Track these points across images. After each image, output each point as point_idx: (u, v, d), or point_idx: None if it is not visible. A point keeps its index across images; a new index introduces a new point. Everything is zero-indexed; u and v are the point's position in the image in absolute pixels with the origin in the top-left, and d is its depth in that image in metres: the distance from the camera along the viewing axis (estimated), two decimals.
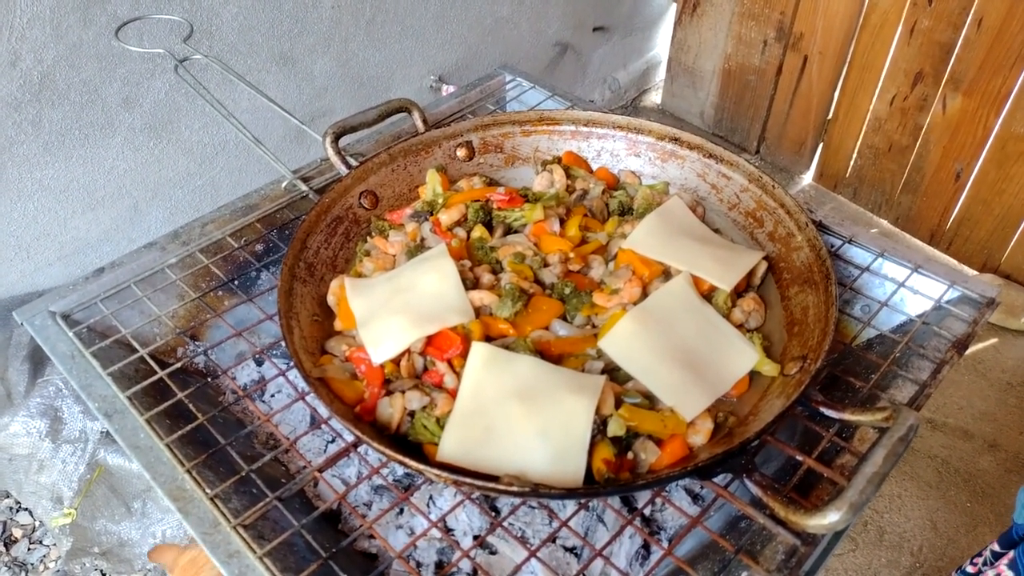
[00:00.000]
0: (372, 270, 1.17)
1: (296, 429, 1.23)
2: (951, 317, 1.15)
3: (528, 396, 0.94)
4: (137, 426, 1.00)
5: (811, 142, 3.25)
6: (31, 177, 1.80)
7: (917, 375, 1.07)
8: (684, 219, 1.23)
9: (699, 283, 1.12)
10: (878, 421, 0.86)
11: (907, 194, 3.00)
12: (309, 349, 1.03)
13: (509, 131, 1.36)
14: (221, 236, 1.27)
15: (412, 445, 0.97)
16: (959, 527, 2.20)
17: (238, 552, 0.89)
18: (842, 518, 0.75)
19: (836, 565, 2.10)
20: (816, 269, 1.08)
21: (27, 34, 1.64)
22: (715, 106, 3.53)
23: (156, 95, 1.92)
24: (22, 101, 1.70)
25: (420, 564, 1.07)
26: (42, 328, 1.14)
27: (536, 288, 1.12)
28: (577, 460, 0.89)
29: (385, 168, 1.28)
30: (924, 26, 2.65)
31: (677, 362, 1.01)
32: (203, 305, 1.20)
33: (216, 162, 2.14)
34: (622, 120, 1.33)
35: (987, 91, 2.60)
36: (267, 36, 2.06)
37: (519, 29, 2.87)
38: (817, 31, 2.97)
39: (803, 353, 1.01)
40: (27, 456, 1.82)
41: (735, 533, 0.96)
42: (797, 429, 1.14)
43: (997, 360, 2.67)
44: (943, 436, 2.43)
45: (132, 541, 1.90)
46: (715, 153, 1.27)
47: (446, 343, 1.02)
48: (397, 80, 2.50)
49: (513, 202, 1.24)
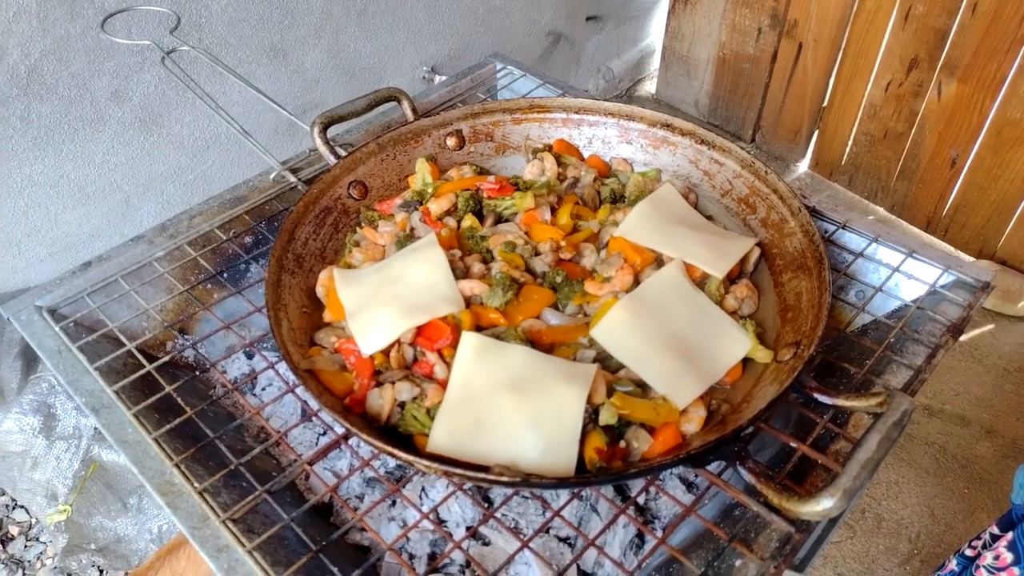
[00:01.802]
0: (361, 261, 1.16)
1: (287, 422, 1.22)
2: (946, 302, 1.14)
3: (519, 386, 0.93)
4: (125, 420, 0.99)
5: (806, 130, 3.24)
6: (20, 172, 1.79)
7: (912, 360, 1.06)
8: (676, 206, 1.22)
9: (691, 270, 1.11)
10: (872, 407, 0.86)
11: (903, 181, 2.99)
12: (298, 341, 1.02)
13: (500, 119, 1.35)
14: (209, 228, 1.26)
15: (403, 436, 0.96)
16: (957, 513, 2.20)
17: (227, 546, 0.88)
18: (836, 504, 0.74)
19: (834, 552, 2.10)
20: (809, 255, 1.07)
21: (13, 28, 1.62)
22: (710, 95, 3.51)
23: (146, 89, 1.90)
24: (9, 96, 1.69)
25: (413, 556, 1.06)
26: (29, 323, 1.12)
27: (527, 277, 1.11)
28: (569, 449, 0.88)
29: (374, 158, 1.26)
30: (919, 12, 2.64)
31: (669, 350, 1.00)
32: (191, 298, 1.19)
33: (207, 156, 2.13)
34: (613, 107, 1.32)
35: (982, 77, 2.59)
36: (257, 28, 2.04)
37: (512, 19, 2.85)
38: (811, 18, 2.95)
39: (796, 339, 1.00)
40: (21, 453, 1.82)
41: (729, 521, 0.95)
42: (791, 416, 1.13)
43: (994, 346, 2.67)
44: (940, 422, 2.43)
45: (128, 537, 1.89)
46: (707, 139, 1.26)
47: (436, 333, 1.01)
48: (389, 71, 2.48)
49: (503, 190, 1.23)
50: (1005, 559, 1.53)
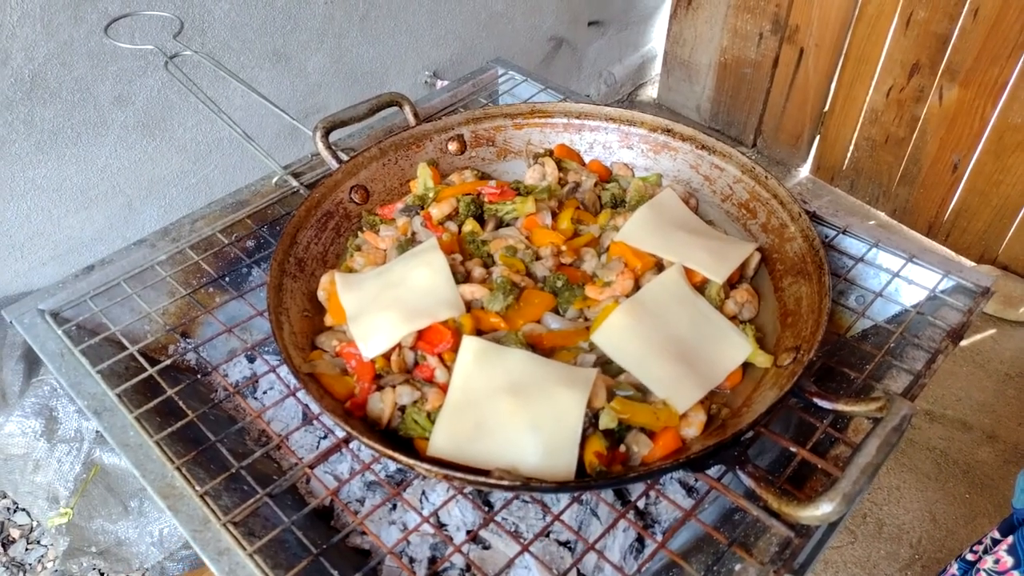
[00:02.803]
0: (363, 265, 1.16)
1: (288, 426, 1.22)
2: (946, 306, 1.14)
3: (519, 390, 0.93)
4: (127, 424, 1.00)
5: (808, 135, 3.24)
6: (24, 176, 1.79)
7: (912, 365, 1.06)
8: (677, 211, 1.22)
9: (692, 275, 1.11)
10: (872, 411, 0.86)
11: (904, 186, 2.99)
12: (299, 345, 1.02)
13: (501, 124, 1.36)
14: (211, 232, 1.27)
15: (403, 440, 0.96)
16: (958, 518, 2.19)
17: (228, 549, 0.88)
18: (835, 509, 0.74)
19: (835, 558, 2.09)
20: (809, 259, 1.08)
21: (17, 32, 1.63)
22: (711, 100, 3.51)
23: (149, 93, 1.91)
24: (13, 100, 1.69)
25: (413, 560, 1.06)
26: (31, 326, 1.13)
27: (528, 281, 1.11)
28: (569, 453, 0.88)
29: (376, 162, 1.27)
30: (920, 17, 2.64)
31: (670, 354, 1.00)
32: (193, 302, 1.19)
33: (210, 160, 2.13)
34: (614, 112, 1.33)
35: (984, 82, 2.59)
36: (260, 33, 2.05)
37: (514, 24, 2.86)
38: (813, 23, 2.95)
39: (797, 344, 1.00)
40: (22, 456, 1.82)
41: (729, 526, 0.95)
42: (791, 421, 1.13)
43: (995, 351, 2.66)
44: (942, 428, 2.43)
45: (130, 540, 1.89)
46: (708, 144, 1.26)
47: (437, 337, 1.01)
48: (391, 76, 2.49)
49: (504, 195, 1.23)
50: (1005, 563, 1.52)
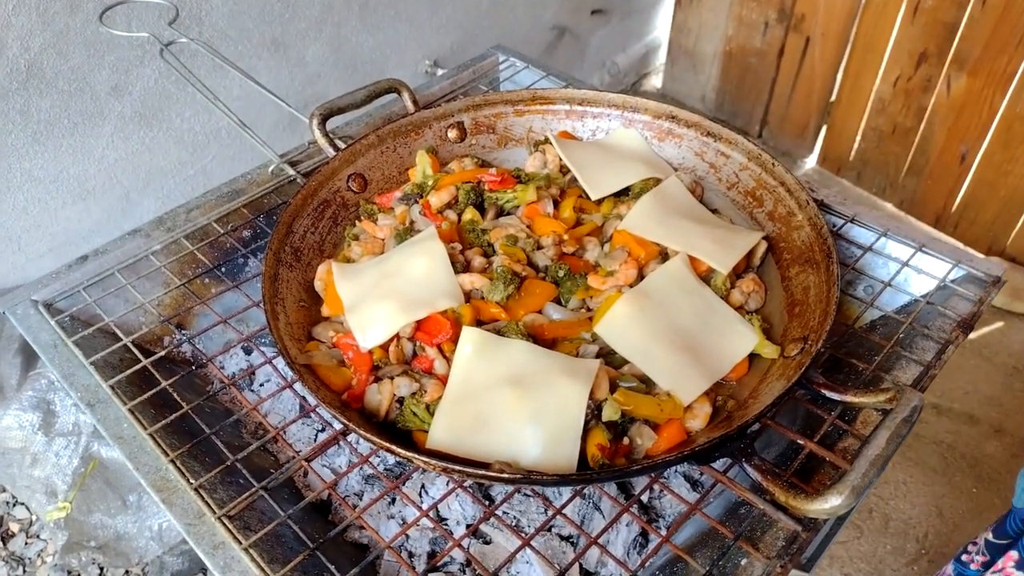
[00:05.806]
0: (360, 254, 1.14)
1: (285, 418, 1.21)
2: (956, 296, 1.12)
3: (520, 381, 0.91)
4: (120, 416, 0.98)
5: (814, 125, 3.21)
6: (20, 168, 1.78)
7: (921, 356, 1.04)
8: (681, 199, 1.20)
9: (697, 264, 1.09)
10: (881, 403, 0.84)
11: (912, 177, 2.96)
12: (295, 335, 1.00)
13: (502, 111, 1.33)
14: (207, 222, 1.25)
15: (402, 432, 0.94)
16: (965, 513, 2.17)
17: (223, 543, 0.86)
18: (844, 502, 0.73)
19: (841, 552, 2.07)
20: (817, 248, 1.05)
21: (12, 21, 1.61)
22: (716, 89, 3.48)
23: (146, 83, 1.89)
24: (9, 90, 1.67)
25: (412, 554, 1.04)
26: (24, 317, 1.11)
27: (529, 271, 1.09)
28: (570, 446, 0.86)
29: (374, 150, 1.25)
30: (928, 5, 2.61)
31: (674, 345, 0.98)
32: (189, 292, 1.17)
33: (208, 150, 2.11)
34: (617, 98, 1.30)
35: (992, 71, 2.55)
36: (257, 21, 2.02)
37: (515, 12, 2.83)
38: (819, 11, 2.92)
39: (804, 334, 0.98)
40: (20, 450, 1.80)
41: (735, 519, 0.93)
42: (798, 413, 1.11)
43: (1003, 344, 2.64)
44: (948, 421, 2.40)
45: (128, 534, 1.88)
46: (713, 131, 1.24)
47: (436, 328, 0.99)
48: (391, 65, 2.47)
49: (505, 183, 1.21)
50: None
